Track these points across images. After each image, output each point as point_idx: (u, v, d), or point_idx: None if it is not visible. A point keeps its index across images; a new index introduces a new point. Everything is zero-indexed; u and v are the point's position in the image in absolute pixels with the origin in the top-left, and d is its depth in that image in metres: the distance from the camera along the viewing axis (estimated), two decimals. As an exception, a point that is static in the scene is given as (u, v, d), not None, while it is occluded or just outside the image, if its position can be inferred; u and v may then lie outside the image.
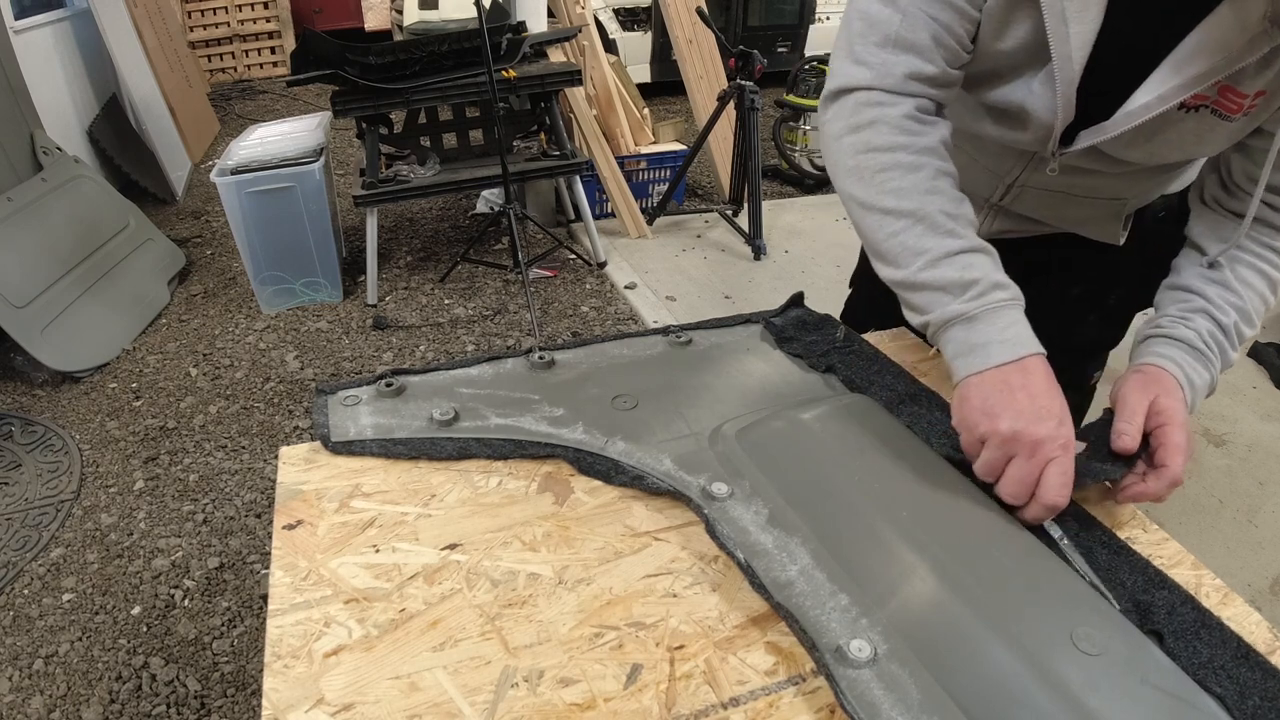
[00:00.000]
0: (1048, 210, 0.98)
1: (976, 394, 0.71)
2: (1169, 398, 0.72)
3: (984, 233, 1.02)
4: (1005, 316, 0.73)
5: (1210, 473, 2.12)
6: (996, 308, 0.73)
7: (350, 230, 3.65)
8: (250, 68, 6.66)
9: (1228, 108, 0.72)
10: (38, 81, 3.16)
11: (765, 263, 3.42)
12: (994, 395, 0.70)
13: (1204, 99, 0.73)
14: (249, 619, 1.73)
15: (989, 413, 0.69)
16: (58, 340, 2.54)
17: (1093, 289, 1.06)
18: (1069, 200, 0.94)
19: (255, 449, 2.26)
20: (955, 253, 0.75)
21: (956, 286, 0.74)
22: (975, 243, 0.76)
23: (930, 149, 0.78)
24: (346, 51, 2.67)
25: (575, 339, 1.01)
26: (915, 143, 0.77)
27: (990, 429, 0.68)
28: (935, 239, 0.75)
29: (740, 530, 0.67)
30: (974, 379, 0.72)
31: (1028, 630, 0.57)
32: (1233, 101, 0.72)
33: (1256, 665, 0.56)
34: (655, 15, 5.64)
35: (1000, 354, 0.71)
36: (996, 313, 0.73)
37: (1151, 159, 0.80)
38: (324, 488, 0.73)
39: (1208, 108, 0.73)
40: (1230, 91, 0.71)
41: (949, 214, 0.76)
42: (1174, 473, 0.68)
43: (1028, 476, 0.67)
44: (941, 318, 0.75)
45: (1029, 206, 0.98)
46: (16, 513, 2.03)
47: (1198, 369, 0.76)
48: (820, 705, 0.54)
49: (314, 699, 0.54)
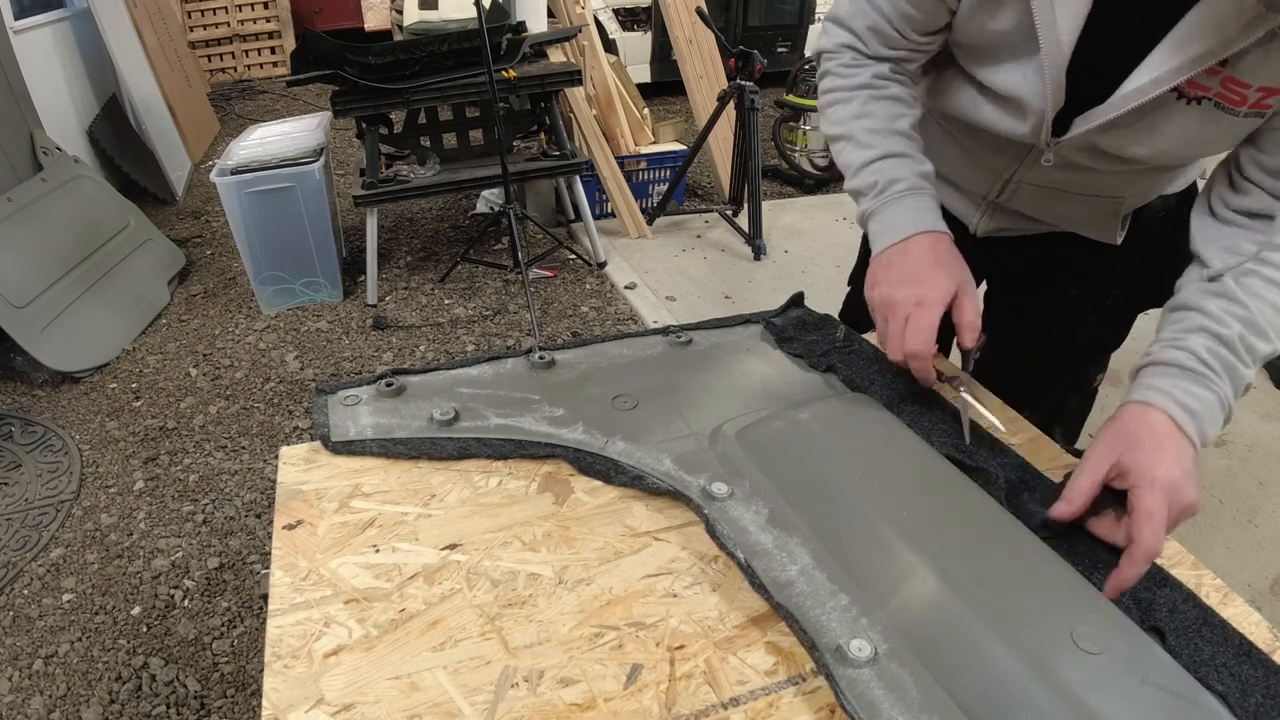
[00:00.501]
0: (1044, 208, 0.98)
1: (869, 274, 0.84)
2: (1139, 451, 0.67)
3: (981, 230, 1.02)
4: (898, 206, 0.85)
5: (1210, 473, 2.12)
6: (892, 200, 0.85)
7: (350, 230, 3.65)
8: (250, 68, 6.66)
9: (1231, 100, 0.71)
10: (38, 81, 3.16)
11: (765, 263, 3.42)
12: (878, 272, 0.83)
13: (1205, 90, 0.72)
14: (249, 619, 1.73)
15: (870, 286, 0.83)
16: (58, 340, 2.54)
17: (1092, 289, 1.06)
18: (1066, 198, 0.94)
19: (255, 449, 2.26)
20: (869, 161, 0.87)
21: (868, 189, 0.87)
22: (889, 149, 0.87)
23: (863, 84, 0.90)
24: (346, 51, 2.67)
25: (575, 339, 1.01)
26: (849, 81, 0.91)
27: (869, 299, 0.83)
28: (858, 153, 0.88)
29: (740, 530, 0.67)
30: (872, 263, 0.85)
31: (1028, 629, 0.57)
32: (1235, 93, 0.71)
33: (1258, 663, 0.56)
34: (655, 15, 5.64)
35: (889, 238, 0.84)
36: (891, 205, 0.85)
37: (1157, 155, 0.79)
38: (324, 488, 0.73)
39: (1211, 100, 0.72)
40: (1232, 82, 0.70)
41: (873, 130, 0.88)
42: (1146, 546, 0.62)
43: (893, 333, 0.79)
44: (860, 218, 0.88)
45: (1026, 204, 0.98)
46: (16, 513, 2.03)
47: (1194, 391, 0.70)
48: (820, 705, 0.54)
49: (314, 699, 0.54)
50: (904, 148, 0.87)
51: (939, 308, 0.78)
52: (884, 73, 0.90)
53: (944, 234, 0.84)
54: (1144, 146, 0.78)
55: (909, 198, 0.84)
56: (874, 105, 0.89)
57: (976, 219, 1.03)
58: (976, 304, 0.81)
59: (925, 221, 0.83)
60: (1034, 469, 0.76)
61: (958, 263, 0.82)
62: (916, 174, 0.86)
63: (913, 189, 0.85)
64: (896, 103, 0.89)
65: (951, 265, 0.81)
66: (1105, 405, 0.81)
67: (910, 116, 0.89)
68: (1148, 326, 0.86)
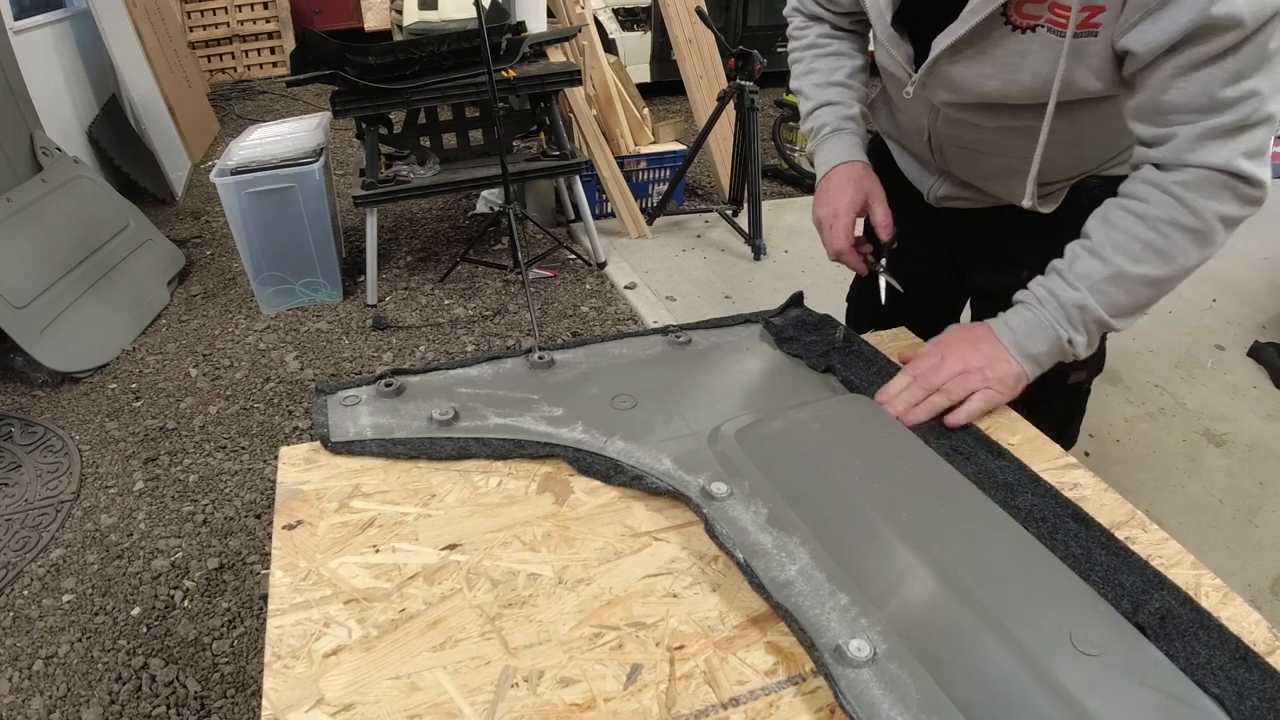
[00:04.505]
0: (969, 168, 1.05)
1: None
2: (949, 335, 0.89)
3: (934, 195, 1.12)
4: (825, 145, 1.05)
5: (1210, 473, 2.12)
6: (821, 141, 1.05)
7: (350, 230, 3.65)
8: (250, 68, 6.66)
9: (1057, 22, 0.77)
10: (37, 82, 3.15)
11: (765, 263, 3.42)
12: (814, 199, 1.04)
13: (1036, 19, 0.78)
14: (249, 619, 1.73)
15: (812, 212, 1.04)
16: (57, 341, 2.54)
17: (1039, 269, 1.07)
18: (980, 159, 1.02)
19: (255, 449, 2.26)
20: (810, 111, 1.07)
21: (810, 134, 1.07)
22: (824, 99, 1.05)
23: (810, 44, 1.08)
24: (346, 52, 2.67)
25: (575, 339, 1.01)
26: (801, 42, 1.10)
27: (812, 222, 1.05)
28: (805, 103, 1.08)
29: (739, 530, 0.67)
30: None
31: (1027, 630, 0.57)
32: (1059, 15, 0.77)
33: (1255, 666, 0.56)
34: (655, 15, 5.64)
35: (820, 172, 1.05)
36: (821, 145, 1.05)
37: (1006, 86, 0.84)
38: (324, 488, 0.73)
39: (1043, 27, 0.78)
40: (1058, 6, 0.76)
41: (815, 84, 1.07)
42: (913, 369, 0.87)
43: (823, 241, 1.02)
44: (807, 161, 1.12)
45: (956, 166, 1.07)
46: (16, 513, 2.03)
47: (1017, 313, 0.87)
48: (820, 705, 0.54)
49: (314, 699, 0.54)
50: (837, 96, 1.05)
51: (850, 214, 0.99)
52: (826, 31, 1.08)
53: (858, 162, 1.02)
54: (992, 80, 0.85)
55: (833, 138, 1.04)
56: (818, 62, 1.07)
57: (929, 185, 1.12)
58: (885, 209, 1.00)
59: (843, 155, 1.02)
60: (1031, 470, 0.76)
61: (868, 180, 1.01)
62: (842, 117, 1.04)
63: (836, 130, 1.04)
64: (838, 56, 1.06)
65: (860, 182, 1.00)
66: (1106, 405, 0.81)
67: (849, 67, 1.06)
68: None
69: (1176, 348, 2.74)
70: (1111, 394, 2.46)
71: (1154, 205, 0.78)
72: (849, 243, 1.00)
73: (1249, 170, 0.74)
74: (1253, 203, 0.77)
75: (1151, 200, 0.78)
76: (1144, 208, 0.79)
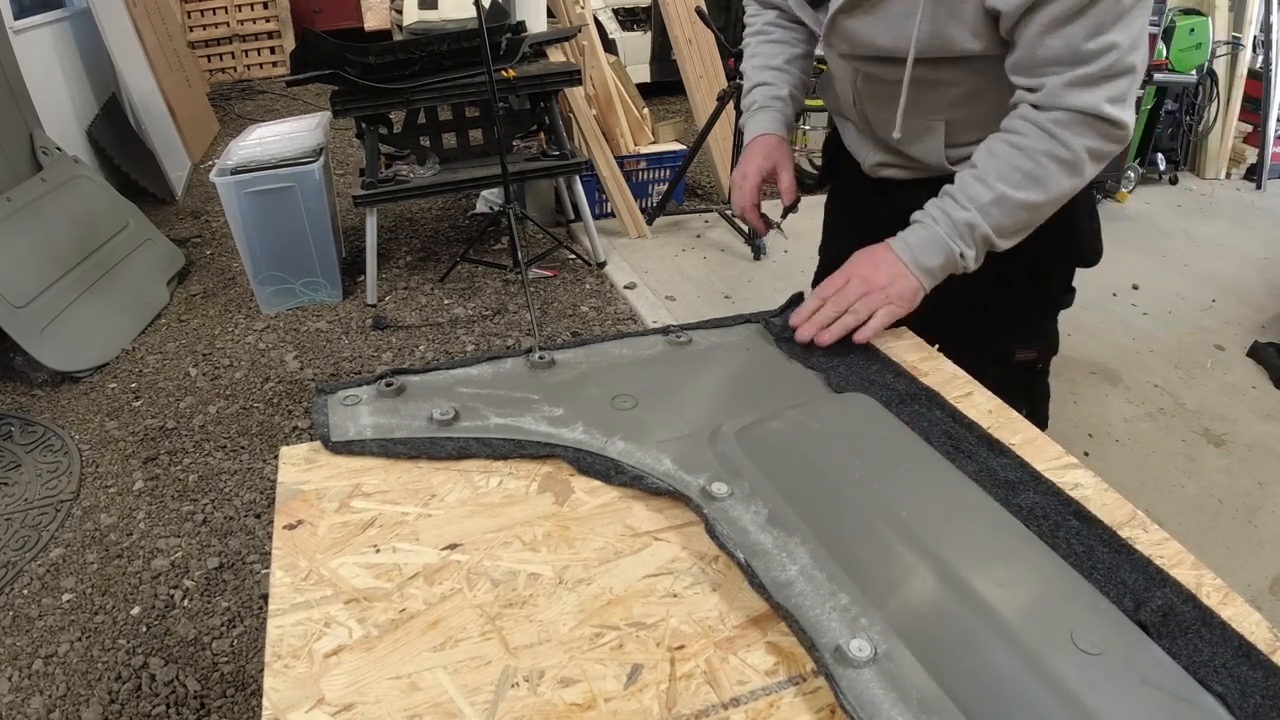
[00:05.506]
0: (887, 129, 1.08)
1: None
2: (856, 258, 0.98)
3: (869, 164, 1.19)
4: (750, 120, 1.17)
5: (1210, 473, 2.12)
6: (749, 117, 1.17)
7: (350, 230, 3.65)
8: (250, 68, 6.65)
9: None
10: (37, 81, 3.15)
11: (765, 263, 3.42)
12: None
13: None
14: (249, 619, 1.73)
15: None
16: (57, 340, 2.54)
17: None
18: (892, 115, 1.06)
19: (255, 449, 2.26)
20: (748, 91, 1.19)
21: (745, 109, 1.19)
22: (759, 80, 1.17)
23: (757, 30, 1.20)
24: (346, 51, 2.67)
25: (575, 339, 1.02)
26: (751, 29, 1.21)
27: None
28: (746, 84, 1.20)
29: (740, 530, 0.67)
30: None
31: (1028, 629, 0.57)
32: None
33: (1258, 663, 0.56)
34: (655, 15, 5.63)
35: (746, 143, 1.16)
36: (748, 121, 1.18)
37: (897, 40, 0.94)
38: (324, 488, 0.73)
39: None
40: None
41: (756, 67, 1.18)
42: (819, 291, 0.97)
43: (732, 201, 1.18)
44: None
45: (880, 128, 1.11)
46: (16, 513, 2.03)
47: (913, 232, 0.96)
48: (820, 705, 0.54)
49: (314, 699, 0.54)
50: (770, 79, 1.17)
51: (756, 178, 1.13)
52: (773, 20, 1.19)
53: (774, 135, 1.15)
54: (884, 35, 0.95)
55: (758, 113, 1.16)
56: (761, 47, 1.19)
57: (865, 154, 1.19)
58: (790, 176, 1.13)
59: (762, 128, 1.15)
60: (1033, 468, 0.76)
61: (779, 151, 1.14)
62: (770, 96, 1.16)
63: (763, 107, 1.16)
64: (779, 44, 1.18)
65: (771, 152, 1.14)
66: (1106, 405, 0.82)
67: (788, 54, 1.17)
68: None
69: (1176, 348, 2.74)
70: (1111, 394, 2.46)
71: (1031, 139, 0.89)
72: (752, 201, 1.15)
73: (1113, 114, 0.86)
74: (1118, 141, 0.89)
75: (1029, 134, 0.89)
76: (1023, 140, 0.90)
